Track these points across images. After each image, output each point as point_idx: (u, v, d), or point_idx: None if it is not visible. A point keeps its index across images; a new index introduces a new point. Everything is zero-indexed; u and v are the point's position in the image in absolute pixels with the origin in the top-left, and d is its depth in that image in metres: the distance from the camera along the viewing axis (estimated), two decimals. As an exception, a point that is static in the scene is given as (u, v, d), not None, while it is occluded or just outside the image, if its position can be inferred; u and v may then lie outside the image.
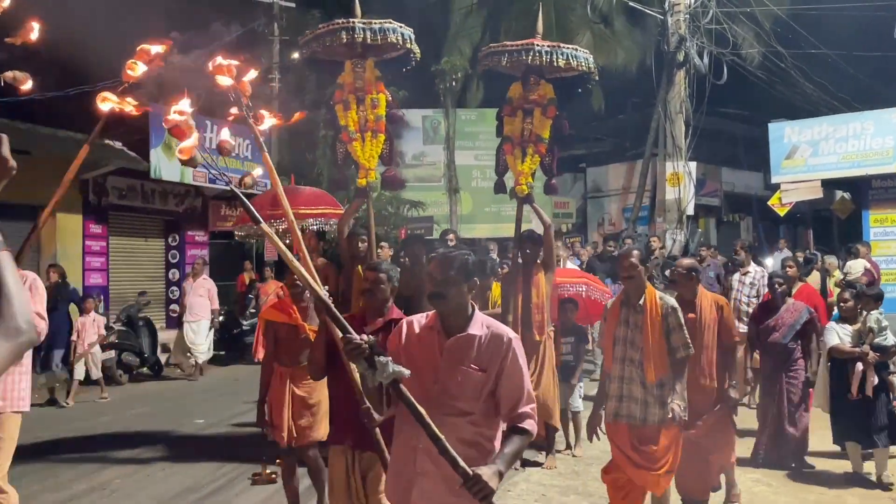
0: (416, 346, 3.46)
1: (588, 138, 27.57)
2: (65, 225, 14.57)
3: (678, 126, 13.66)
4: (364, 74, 7.51)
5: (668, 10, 13.24)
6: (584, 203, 27.26)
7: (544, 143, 7.86)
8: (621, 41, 22.98)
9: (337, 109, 7.57)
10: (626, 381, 5.23)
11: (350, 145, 7.50)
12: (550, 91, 7.87)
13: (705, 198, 23.89)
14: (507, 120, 7.98)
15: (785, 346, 7.48)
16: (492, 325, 3.43)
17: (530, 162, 7.84)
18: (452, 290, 3.37)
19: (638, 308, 5.23)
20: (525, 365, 3.40)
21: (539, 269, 7.69)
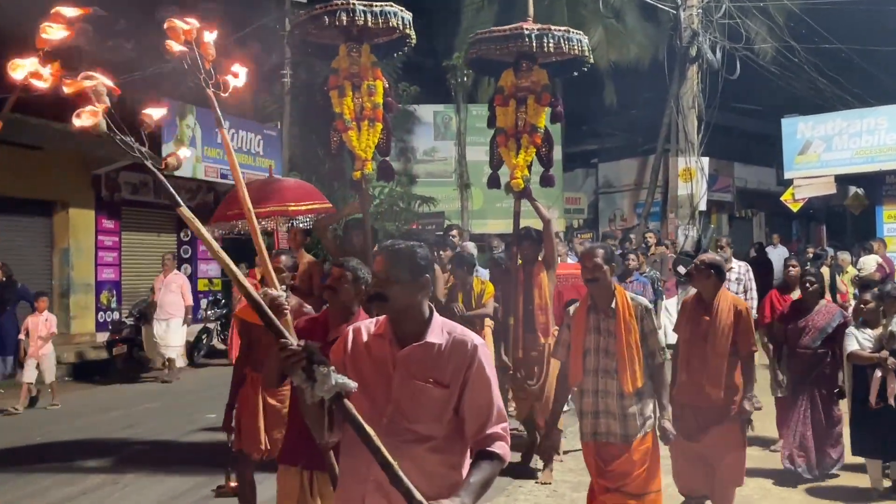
0: (364, 359, 2.93)
1: (600, 133, 27.50)
2: (77, 220, 14.64)
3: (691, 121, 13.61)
4: (360, 59, 7.12)
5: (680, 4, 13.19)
6: (595, 198, 27.19)
7: (539, 132, 7.39)
8: (633, 36, 22.87)
9: (331, 96, 7.13)
10: (602, 395, 4.74)
11: (345, 134, 7.08)
12: (544, 77, 7.42)
13: (718, 193, 23.78)
14: (499, 110, 7.50)
15: (815, 352, 6.84)
16: (454, 330, 2.94)
17: (525, 154, 7.37)
18: (396, 289, 2.84)
19: (609, 312, 4.75)
20: (493, 376, 2.91)
21: (540, 267, 7.21)
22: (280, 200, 8.09)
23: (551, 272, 7.25)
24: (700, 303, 5.57)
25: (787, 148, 16.94)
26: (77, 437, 9.12)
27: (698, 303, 5.60)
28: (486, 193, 22.30)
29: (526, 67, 7.34)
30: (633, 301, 4.79)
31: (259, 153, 16.88)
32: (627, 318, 4.71)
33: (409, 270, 2.87)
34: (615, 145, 27.32)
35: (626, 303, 4.75)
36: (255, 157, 16.75)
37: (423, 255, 2.94)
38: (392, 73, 17.05)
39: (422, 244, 3.01)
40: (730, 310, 5.46)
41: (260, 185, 8.35)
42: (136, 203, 16.14)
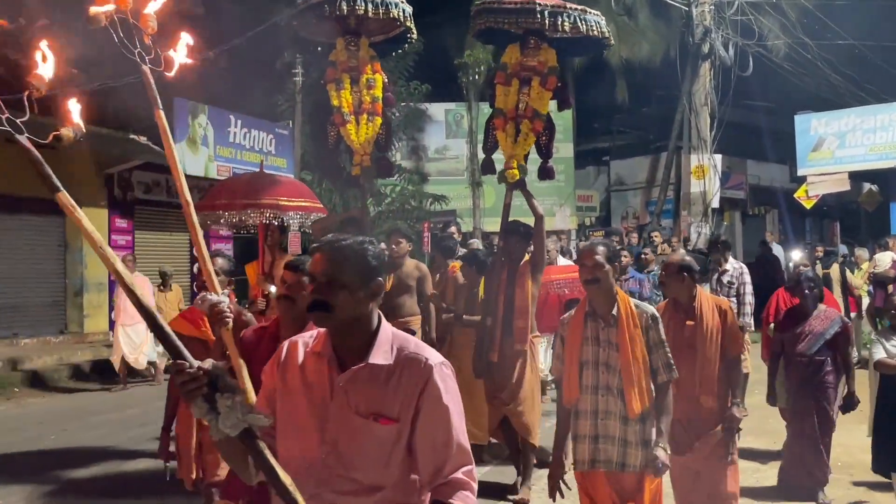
0: (296, 383, 2.38)
1: (612, 131, 27.47)
2: (90, 219, 14.47)
3: (703, 118, 13.55)
4: (358, 53, 6.87)
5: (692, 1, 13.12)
6: (607, 196, 27.15)
7: (542, 119, 6.65)
8: (645, 33, 22.85)
9: (329, 89, 6.89)
10: (602, 417, 4.08)
11: (343, 128, 6.82)
12: (553, 57, 6.66)
13: (730, 191, 23.70)
14: (499, 89, 6.74)
15: (812, 359, 6.30)
16: (406, 345, 2.37)
17: (524, 142, 6.68)
18: (342, 297, 2.29)
19: (610, 320, 4.10)
20: (456, 403, 2.35)
21: (526, 267, 6.58)
22: (272, 194, 7.83)
23: (538, 274, 6.61)
24: (678, 308, 5.08)
25: (801, 145, 16.87)
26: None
27: (676, 308, 5.10)
28: (498, 191, 22.25)
29: (534, 45, 6.63)
30: (637, 308, 4.15)
31: (271, 152, 16.92)
32: (632, 327, 4.07)
33: (359, 272, 2.33)
34: (627, 143, 27.28)
35: (630, 310, 4.11)
36: (268, 156, 16.77)
37: (376, 253, 2.41)
38: (404, 72, 17.09)
39: (372, 240, 2.47)
40: (713, 310, 5.04)
41: (251, 179, 8.12)
42: (148, 202, 16.20)
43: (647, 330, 4.10)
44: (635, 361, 4.02)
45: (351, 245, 2.36)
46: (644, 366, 4.04)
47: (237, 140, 15.97)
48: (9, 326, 13.33)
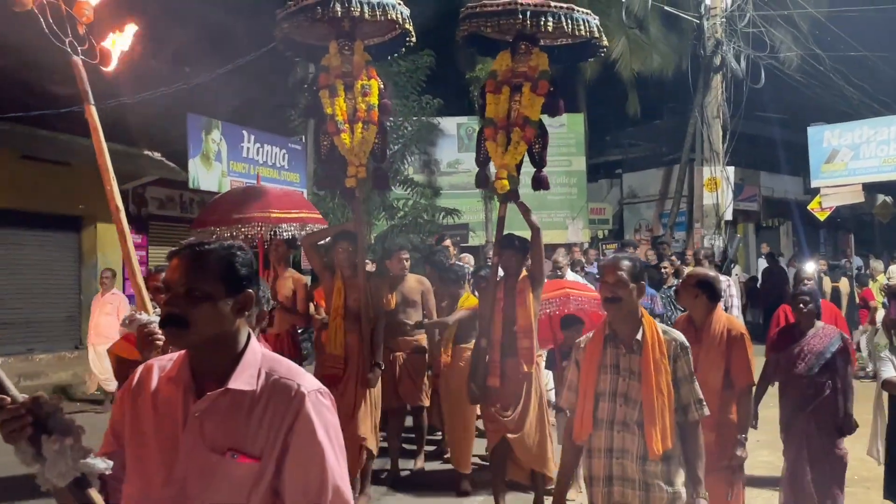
0: (146, 413, 2.06)
1: (624, 144, 27.49)
2: (105, 235, 14.76)
3: (715, 131, 13.54)
4: (352, 57, 6.47)
5: (703, 14, 13.13)
6: (620, 209, 27.13)
7: (533, 126, 6.25)
8: (657, 46, 22.86)
9: (321, 96, 6.48)
10: (618, 455, 3.60)
11: (337, 137, 6.40)
12: (544, 62, 6.30)
13: (744, 203, 23.65)
14: (489, 98, 6.38)
15: (811, 380, 5.77)
16: (276, 369, 2.05)
17: (514, 151, 6.26)
18: (202, 310, 1.99)
19: (633, 346, 3.64)
20: (334, 438, 2.01)
21: (525, 283, 6.22)
22: (263, 207, 7.66)
23: (537, 289, 6.27)
24: (690, 328, 4.73)
25: (814, 156, 16.80)
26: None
27: (688, 328, 4.73)
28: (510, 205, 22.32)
29: (524, 50, 6.29)
30: (665, 335, 3.67)
31: (284, 167, 16.96)
32: (658, 355, 3.60)
33: (224, 281, 2.04)
34: (639, 155, 27.29)
35: (657, 335, 3.63)
36: (280, 171, 16.82)
37: (245, 260, 2.10)
38: (416, 87, 17.15)
39: (242, 246, 2.16)
40: (723, 335, 4.67)
41: (244, 192, 8.01)
42: (162, 218, 16.27)
43: (675, 359, 3.63)
44: (659, 394, 3.56)
45: (215, 250, 2.07)
46: (669, 400, 3.59)
47: (250, 155, 16.02)
48: (24, 342, 13.39)
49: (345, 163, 6.50)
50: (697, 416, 3.65)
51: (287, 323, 7.76)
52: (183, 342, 2.02)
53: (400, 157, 16.48)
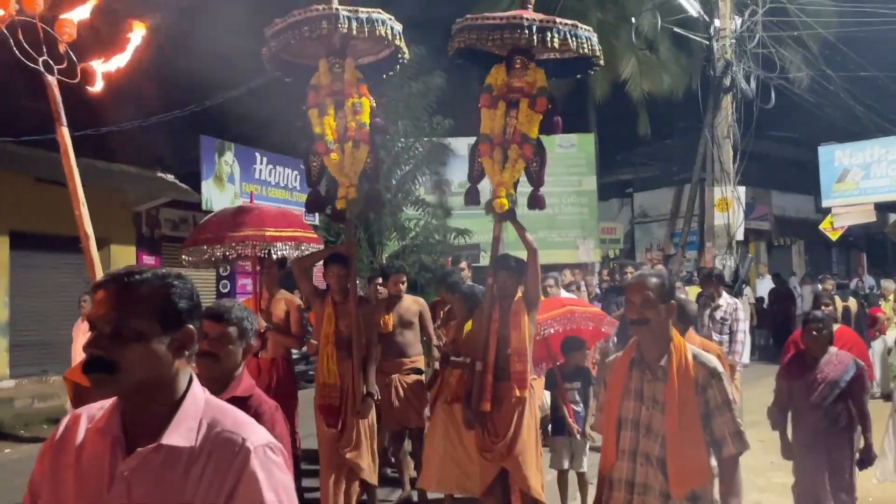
0: (70, 470, 1.78)
1: (634, 163, 27.50)
2: (118, 256, 14.87)
3: (726, 151, 13.53)
4: (343, 75, 6.20)
5: (713, 35, 13.17)
6: (631, 228, 27.12)
7: (531, 144, 6.03)
8: (667, 66, 22.95)
9: (310, 115, 6.22)
10: (640, 491, 3.32)
11: (326, 157, 6.15)
12: (542, 78, 6.05)
13: (755, 222, 23.61)
14: (484, 113, 6.11)
15: (826, 411, 5.50)
16: (220, 421, 1.78)
17: (512, 170, 6.02)
18: (133, 351, 1.72)
19: (658, 372, 3.33)
20: (283, 501, 1.73)
21: (520, 305, 6.00)
22: (257, 225, 7.38)
23: (532, 311, 6.05)
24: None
25: (825, 176, 16.82)
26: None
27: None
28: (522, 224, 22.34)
29: (520, 65, 6.04)
30: (696, 360, 3.32)
31: (296, 188, 17.08)
32: (685, 383, 3.25)
33: (159, 316, 1.77)
34: (650, 175, 27.29)
35: (686, 361, 3.29)
36: (293, 192, 16.95)
37: (184, 291, 1.85)
38: (427, 108, 17.22)
39: (180, 274, 1.93)
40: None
41: (238, 210, 7.76)
42: (175, 239, 16.34)
43: (706, 388, 3.27)
44: (684, 429, 3.21)
45: (147, 280, 1.80)
46: (695, 435, 3.23)
47: (263, 176, 16.16)
48: (38, 363, 13.46)
49: (335, 184, 6.31)
50: (734, 449, 3.30)
51: (281, 347, 7.49)
52: (111, 389, 1.73)
53: (411, 178, 16.55)
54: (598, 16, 23.13)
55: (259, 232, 7.28)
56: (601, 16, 23.18)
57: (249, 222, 7.36)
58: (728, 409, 3.29)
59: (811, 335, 5.62)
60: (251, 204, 8.09)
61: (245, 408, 2.40)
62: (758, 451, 5.54)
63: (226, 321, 3.02)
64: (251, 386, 3.02)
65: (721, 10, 12.95)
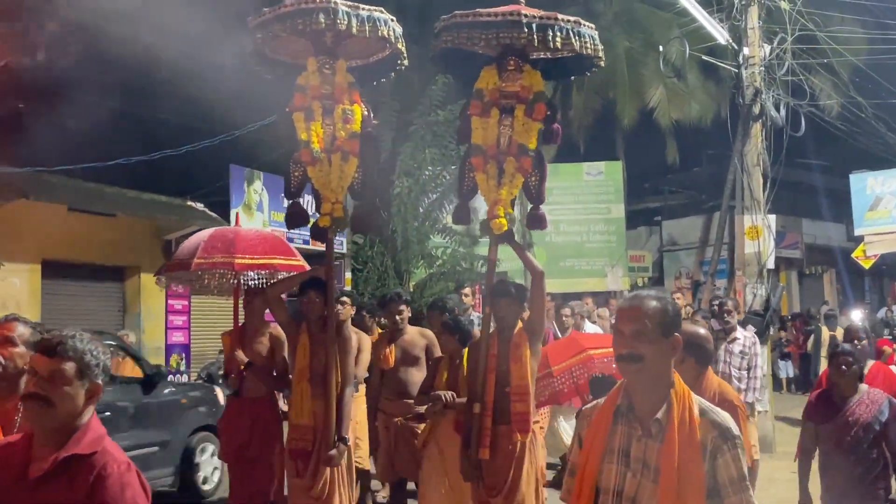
0: None
1: (663, 191, 27.41)
2: (149, 285, 14.97)
3: (756, 179, 13.41)
4: (334, 78, 5.50)
5: (742, 63, 13.11)
6: (660, 257, 26.95)
7: (529, 156, 5.33)
8: (695, 94, 22.89)
9: (295, 119, 5.48)
10: None
11: (311, 167, 5.44)
12: (538, 81, 5.39)
13: (786, 250, 23.38)
14: (475, 122, 5.38)
15: (860, 457, 4.89)
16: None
17: (510, 186, 5.35)
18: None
19: (652, 429, 2.49)
20: None
21: (522, 336, 5.34)
22: (227, 252, 6.66)
23: (536, 343, 5.41)
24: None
25: (857, 204, 16.64)
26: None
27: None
28: (550, 252, 22.30)
29: (514, 67, 5.34)
30: (705, 416, 2.50)
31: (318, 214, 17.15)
32: (687, 446, 2.43)
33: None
34: (679, 202, 27.19)
35: (690, 415, 2.47)
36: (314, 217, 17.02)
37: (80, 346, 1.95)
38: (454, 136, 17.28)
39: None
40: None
41: (212, 234, 7.01)
42: (205, 267, 16.50)
43: (715, 454, 2.44)
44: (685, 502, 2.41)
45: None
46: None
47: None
48: (68, 390, 13.56)
49: (319, 198, 5.61)
50: None
51: (262, 388, 6.59)
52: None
53: (438, 206, 16.60)
54: (626, 43, 23.17)
55: (227, 259, 6.62)
56: (628, 43, 23.21)
57: (220, 248, 6.70)
58: (743, 487, 2.45)
59: (839, 371, 5.04)
60: (230, 228, 7.51)
61: (87, 468, 2.26)
62: (790, 484, 5.35)
63: (59, 356, 2.40)
64: (98, 438, 2.43)
65: (750, 38, 12.90)
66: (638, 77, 23.17)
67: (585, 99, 23.83)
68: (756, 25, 12.99)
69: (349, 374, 5.68)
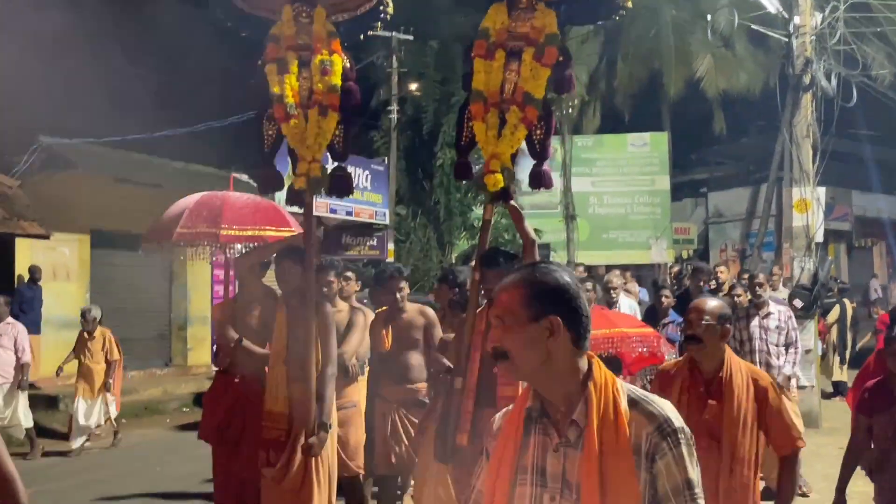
0: None
1: (709, 162, 27.04)
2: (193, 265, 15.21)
3: (805, 151, 13.13)
4: (311, 27, 4.96)
5: (793, 32, 12.82)
6: (705, 229, 26.64)
7: (536, 105, 4.71)
8: (743, 63, 22.49)
9: (268, 72, 4.96)
10: None
11: (285, 124, 4.90)
12: (552, 22, 4.71)
13: (835, 222, 23.00)
14: (478, 64, 4.79)
15: None
16: None
17: (511, 137, 4.72)
18: None
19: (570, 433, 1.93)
20: None
21: None
22: (212, 222, 6.12)
23: None
24: (697, 376, 3.59)
25: (910, 175, 16.28)
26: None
27: (693, 376, 3.60)
28: (593, 224, 22.21)
29: (526, 4, 4.78)
30: (635, 407, 1.92)
31: (367, 188, 17.21)
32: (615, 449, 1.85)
33: None
34: (725, 174, 26.83)
35: (616, 409, 1.90)
36: (364, 192, 17.07)
37: None
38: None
39: None
40: (748, 386, 3.51)
41: (199, 201, 6.41)
42: (249, 238, 16.65)
43: (653, 457, 1.87)
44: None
45: None
46: None
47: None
48: (117, 358, 13.82)
49: (295, 158, 5.05)
50: None
51: (252, 363, 5.54)
52: None
53: (481, 178, 16.54)
54: (672, 12, 22.79)
55: (212, 230, 6.07)
56: (675, 12, 22.84)
57: (206, 217, 6.16)
58: (692, 497, 1.87)
59: (893, 355, 4.54)
60: (219, 193, 6.76)
61: None
62: (836, 460, 5.18)
63: None
64: None
65: (801, 7, 12.59)
66: (685, 46, 22.80)
67: (631, 69, 23.54)
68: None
69: (330, 353, 5.04)
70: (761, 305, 7.67)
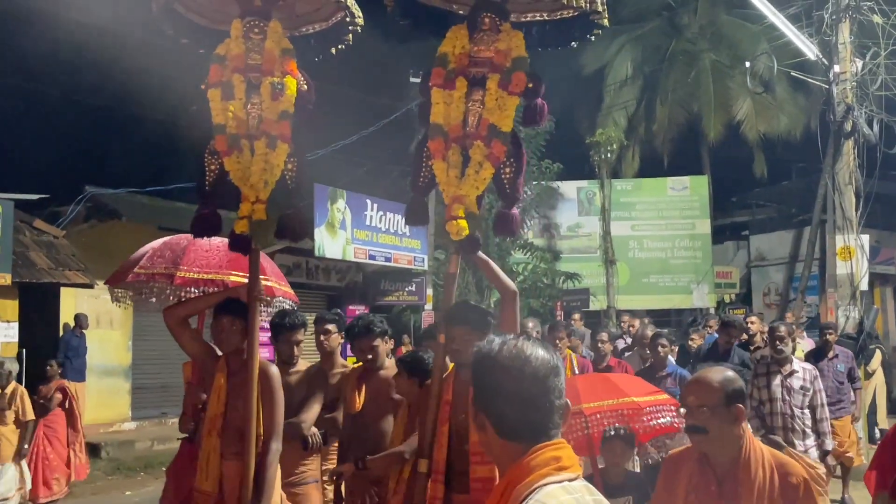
0: None
1: (750, 205, 26.76)
2: (235, 302, 15.35)
3: (848, 198, 12.98)
4: (264, 43, 4.20)
5: (832, 80, 12.72)
6: (748, 272, 26.30)
7: (504, 140, 4.07)
8: (784, 107, 22.39)
9: (210, 97, 4.21)
10: None
11: (227, 158, 4.19)
12: (520, 44, 4.12)
13: (880, 266, 22.54)
14: (437, 94, 4.14)
15: None
16: None
17: (476, 177, 4.06)
18: None
19: None
20: None
21: None
22: (172, 262, 5.47)
23: None
24: (704, 470, 2.89)
25: (956, 219, 15.99)
26: None
27: (700, 469, 2.90)
28: (633, 268, 22.06)
29: (489, 26, 4.12)
30: None
31: (406, 234, 17.27)
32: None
33: None
34: (767, 216, 26.50)
35: None
36: (402, 238, 17.14)
37: None
38: (536, 151, 17.22)
39: None
40: (769, 474, 2.79)
41: (168, 241, 5.79)
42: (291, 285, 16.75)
43: None
44: None
45: None
46: None
47: (373, 223, 16.41)
48: (159, 406, 13.92)
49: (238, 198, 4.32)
50: None
51: None
52: None
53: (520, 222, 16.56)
54: (711, 56, 22.80)
55: (168, 272, 5.40)
56: (714, 56, 22.83)
57: (167, 258, 5.54)
58: None
59: None
60: (187, 235, 5.68)
61: None
62: None
63: None
64: None
65: (841, 54, 12.51)
66: (724, 90, 22.76)
67: (669, 112, 23.53)
68: (847, 41, 12.60)
69: (275, 425, 4.24)
70: (783, 362, 6.84)
